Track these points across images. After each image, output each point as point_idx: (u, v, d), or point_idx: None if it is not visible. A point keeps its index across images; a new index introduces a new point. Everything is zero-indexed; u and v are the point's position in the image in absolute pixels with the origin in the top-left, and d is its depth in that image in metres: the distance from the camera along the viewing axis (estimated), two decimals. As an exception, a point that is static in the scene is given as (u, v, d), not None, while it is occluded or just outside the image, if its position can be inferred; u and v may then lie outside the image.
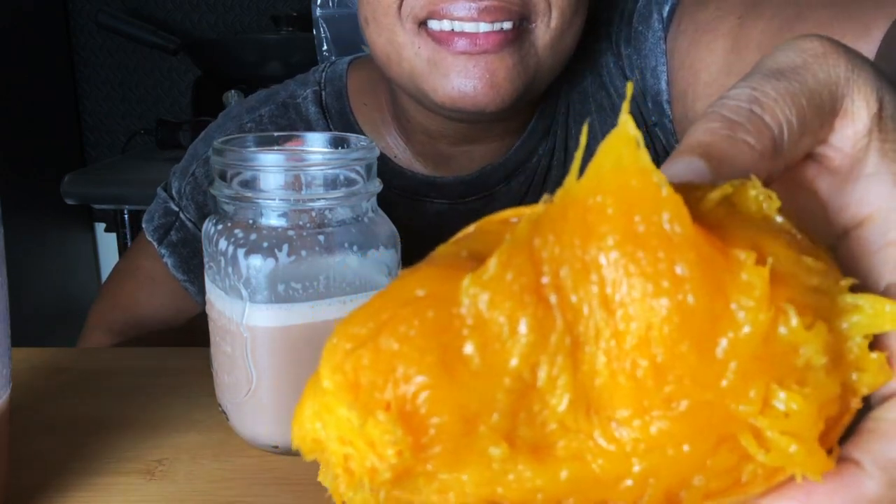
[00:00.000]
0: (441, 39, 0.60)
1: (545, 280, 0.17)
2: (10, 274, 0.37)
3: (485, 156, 0.71)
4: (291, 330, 0.42)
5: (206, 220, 0.45)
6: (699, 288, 0.17)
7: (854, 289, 0.19)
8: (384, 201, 0.47)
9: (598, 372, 0.17)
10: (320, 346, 0.45)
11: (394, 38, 0.62)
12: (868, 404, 0.19)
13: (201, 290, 0.73)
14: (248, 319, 0.42)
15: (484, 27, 0.59)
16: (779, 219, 0.19)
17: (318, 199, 0.42)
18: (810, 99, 0.22)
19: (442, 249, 0.20)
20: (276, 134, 0.48)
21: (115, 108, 1.96)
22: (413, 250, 0.55)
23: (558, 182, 0.71)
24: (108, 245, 1.98)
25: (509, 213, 0.20)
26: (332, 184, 0.43)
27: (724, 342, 0.17)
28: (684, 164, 0.21)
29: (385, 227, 0.45)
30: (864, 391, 0.18)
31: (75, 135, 1.95)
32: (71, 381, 0.54)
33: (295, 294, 0.42)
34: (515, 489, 0.17)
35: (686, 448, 0.17)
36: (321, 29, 1.15)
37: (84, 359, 0.58)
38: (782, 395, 0.17)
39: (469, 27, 0.59)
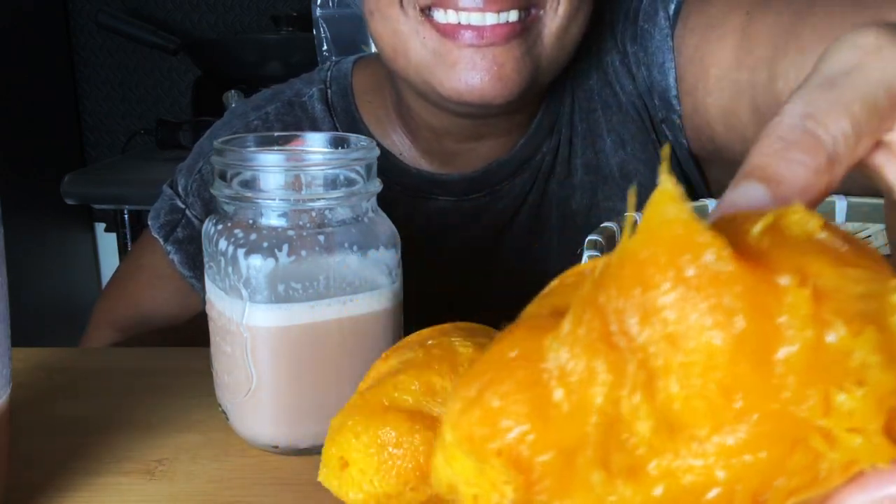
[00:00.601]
0: (447, 32, 0.59)
1: (614, 328, 0.20)
2: (10, 274, 0.37)
3: (490, 153, 0.71)
4: (291, 330, 0.42)
5: (206, 220, 0.45)
6: (748, 316, 0.19)
7: None
8: (388, 199, 0.47)
9: (673, 398, 0.20)
10: (320, 346, 0.45)
11: (398, 28, 0.61)
12: None
13: (207, 286, 0.73)
14: (248, 319, 0.42)
15: (490, 18, 0.58)
16: (822, 235, 0.21)
17: (318, 199, 0.42)
18: (864, 103, 0.24)
19: (529, 310, 0.23)
20: (276, 134, 0.48)
21: (115, 108, 1.96)
22: (417, 247, 0.55)
23: (562, 179, 0.72)
24: (108, 245, 1.98)
25: (585, 266, 0.24)
26: (332, 184, 0.43)
27: (779, 359, 0.19)
28: (743, 191, 0.23)
29: (385, 226, 0.45)
30: None
31: (75, 135, 1.95)
32: (71, 381, 0.54)
33: (295, 294, 0.42)
34: None
35: (763, 454, 0.19)
36: (321, 29, 1.15)
37: (84, 359, 0.58)
38: (841, 397, 0.19)
39: (475, 18, 0.58)
